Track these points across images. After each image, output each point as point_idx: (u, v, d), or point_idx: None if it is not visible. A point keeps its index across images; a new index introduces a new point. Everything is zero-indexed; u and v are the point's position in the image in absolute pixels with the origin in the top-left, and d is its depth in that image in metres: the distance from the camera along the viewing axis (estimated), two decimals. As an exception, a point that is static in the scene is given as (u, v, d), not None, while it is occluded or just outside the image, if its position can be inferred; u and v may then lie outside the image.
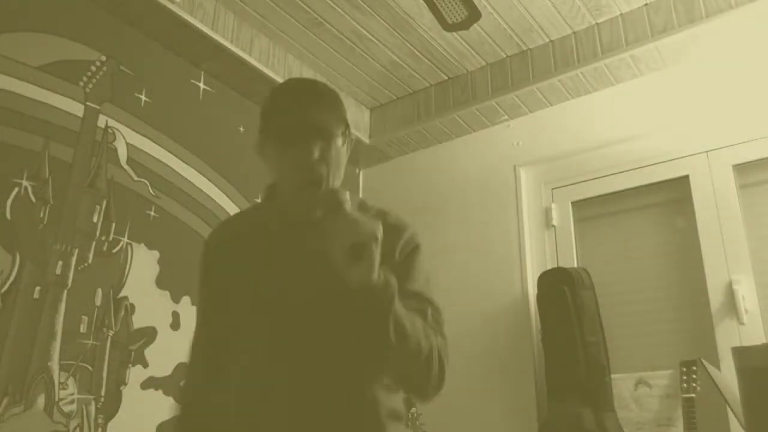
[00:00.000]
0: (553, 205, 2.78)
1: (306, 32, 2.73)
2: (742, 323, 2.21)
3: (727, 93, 2.44)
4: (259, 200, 2.79)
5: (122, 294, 2.19)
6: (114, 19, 2.39)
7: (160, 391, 2.21)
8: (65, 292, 2.02)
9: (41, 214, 2.02)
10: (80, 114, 2.20)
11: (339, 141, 1.22)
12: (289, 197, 1.21)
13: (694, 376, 2.10)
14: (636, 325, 2.46)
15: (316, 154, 1.16)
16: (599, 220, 2.72)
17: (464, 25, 2.31)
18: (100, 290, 2.12)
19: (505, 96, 2.83)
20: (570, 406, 2.23)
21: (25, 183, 2.00)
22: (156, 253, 2.32)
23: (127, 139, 2.33)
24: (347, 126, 1.28)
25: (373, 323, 1.03)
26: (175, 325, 2.32)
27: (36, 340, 1.92)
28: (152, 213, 2.35)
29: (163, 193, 2.40)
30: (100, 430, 2.02)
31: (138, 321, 2.21)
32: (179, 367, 2.29)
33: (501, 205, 2.87)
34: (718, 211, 2.37)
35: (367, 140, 3.21)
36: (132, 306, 2.20)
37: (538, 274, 2.53)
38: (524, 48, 2.83)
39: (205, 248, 1.32)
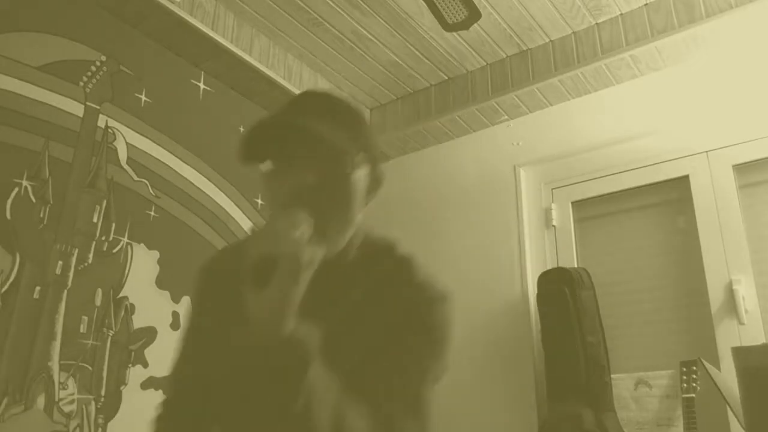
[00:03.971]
0: (553, 205, 2.78)
1: (306, 32, 2.73)
2: (742, 323, 2.21)
3: (727, 93, 2.44)
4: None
5: (122, 294, 2.19)
6: (114, 19, 2.39)
7: (160, 391, 2.21)
8: (65, 292, 2.03)
9: (41, 214, 2.02)
10: (80, 114, 2.20)
11: (348, 168, 0.93)
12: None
13: (694, 376, 2.10)
14: (636, 325, 2.46)
15: (310, 178, 0.90)
16: (599, 220, 2.72)
17: (464, 25, 2.31)
18: (100, 290, 2.12)
19: (505, 96, 2.83)
20: (570, 406, 2.23)
21: (25, 183, 2.00)
22: (156, 253, 2.32)
23: (127, 139, 2.33)
24: (368, 153, 0.98)
25: (278, 388, 0.78)
26: (175, 325, 2.32)
27: (36, 340, 1.92)
28: (152, 213, 2.35)
29: (163, 193, 2.40)
30: (100, 430, 2.02)
31: (138, 321, 2.21)
32: (179, 367, 2.29)
33: (501, 205, 2.87)
34: (718, 211, 2.37)
35: (367, 140, 3.21)
36: (132, 306, 2.20)
37: (538, 274, 2.53)
38: (524, 48, 2.83)
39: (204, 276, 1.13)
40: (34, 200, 2.01)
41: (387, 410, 0.87)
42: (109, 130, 2.28)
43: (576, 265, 2.62)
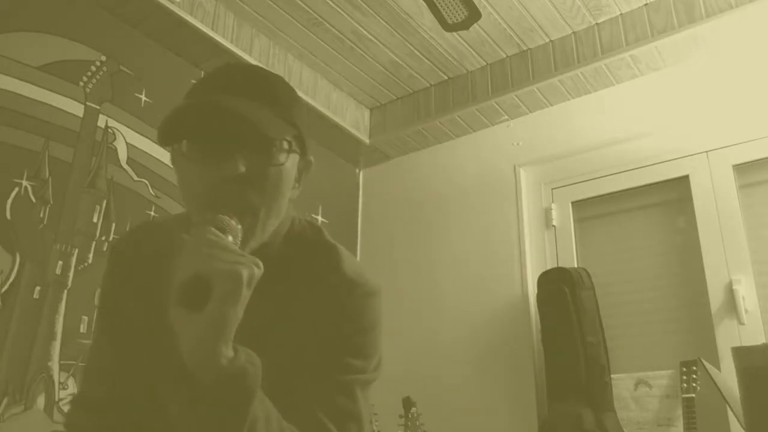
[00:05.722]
0: (553, 205, 2.78)
1: (306, 32, 2.73)
2: (742, 323, 2.21)
3: (727, 93, 2.44)
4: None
5: (122, 294, 2.18)
6: (114, 19, 2.39)
7: (160, 391, 2.21)
8: (65, 292, 2.02)
9: (41, 214, 2.02)
10: (80, 114, 2.20)
11: (282, 156, 0.84)
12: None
13: (694, 376, 2.10)
14: (636, 325, 2.46)
15: (240, 168, 0.79)
16: (599, 220, 2.72)
17: (464, 25, 2.31)
18: (100, 290, 2.12)
19: (505, 96, 2.83)
20: (570, 406, 2.23)
21: (25, 183, 2.00)
22: (156, 253, 2.32)
23: (127, 139, 2.33)
24: (300, 138, 0.88)
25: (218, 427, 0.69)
26: (175, 325, 2.32)
27: (36, 340, 1.92)
28: (152, 213, 2.35)
29: (163, 193, 2.40)
30: (100, 430, 2.02)
31: (138, 321, 2.21)
32: (179, 367, 2.29)
33: (501, 205, 2.87)
34: (718, 211, 2.37)
35: (367, 140, 3.21)
36: (132, 306, 2.20)
37: (538, 274, 2.53)
38: (524, 48, 2.83)
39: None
40: (34, 200, 2.01)
41: (319, 417, 0.83)
42: (109, 130, 2.28)
43: (576, 265, 2.62)
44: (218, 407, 0.69)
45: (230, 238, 0.74)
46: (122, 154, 2.30)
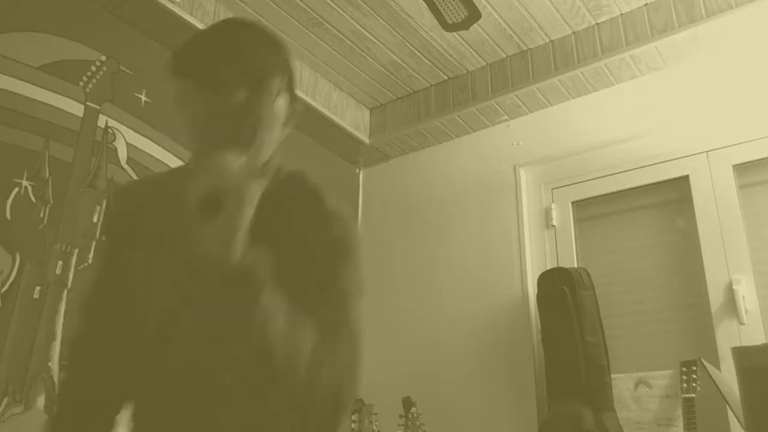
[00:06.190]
0: (553, 205, 2.78)
1: (306, 32, 2.73)
2: (742, 323, 2.21)
3: (727, 93, 2.44)
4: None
5: (122, 294, 2.18)
6: (114, 19, 2.39)
7: (160, 391, 2.21)
8: (65, 292, 2.02)
9: (41, 214, 2.02)
10: (80, 114, 2.20)
11: (275, 92, 0.94)
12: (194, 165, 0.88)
13: (694, 376, 2.10)
14: (636, 325, 2.46)
15: (237, 98, 0.89)
16: (599, 220, 2.72)
17: (464, 25, 2.31)
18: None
19: (505, 96, 2.83)
20: (570, 406, 2.23)
21: (25, 183, 2.00)
22: (156, 253, 2.32)
23: (127, 139, 2.33)
24: (291, 79, 0.99)
25: (229, 324, 0.80)
26: (175, 325, 2.32)
27: (36, 340, 1.92)
28: (152, 213, 2.35)
29: (163, 193, 2.40)
30: (100, 430, 2.02)
31: (138, 321, 2.21)
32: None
33: (501, 205, 2.87)
34: (718, 211, 2.37)
35: (367, 140, 3.21)
36: (132, 306, 2.20)
37: (538, 274, 2.53)
38: (524, 48, 2.83)
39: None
40: (34, 200, 2.01)
41: (324, 319, 0.87)
42: (109, 130, 2.28)
43: (576, 265, 2.62)
44: (231, 300, 0.77)
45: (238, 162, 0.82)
46: (122, 154, 2.30)
